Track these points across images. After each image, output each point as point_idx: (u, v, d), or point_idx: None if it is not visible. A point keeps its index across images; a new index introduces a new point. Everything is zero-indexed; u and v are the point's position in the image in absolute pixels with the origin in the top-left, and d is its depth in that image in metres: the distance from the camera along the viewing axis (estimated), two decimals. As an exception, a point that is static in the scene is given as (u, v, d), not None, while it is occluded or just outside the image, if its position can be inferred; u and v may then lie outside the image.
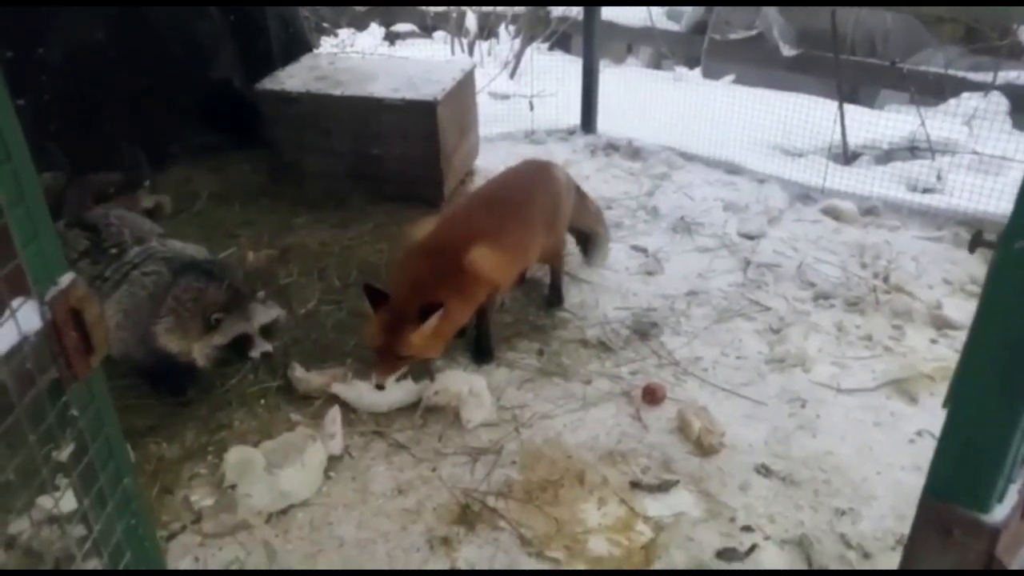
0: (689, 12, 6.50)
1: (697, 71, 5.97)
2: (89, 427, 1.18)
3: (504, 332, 3.09)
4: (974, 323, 1.11)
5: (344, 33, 6.74)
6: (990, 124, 4.74)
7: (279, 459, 2.37)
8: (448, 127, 4.01)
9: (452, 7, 6.36)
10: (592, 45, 4.84)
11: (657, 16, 6.38)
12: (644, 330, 3.11)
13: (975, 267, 3.48)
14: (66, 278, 1.08)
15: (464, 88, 4.25)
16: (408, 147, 3.96)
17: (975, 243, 2.00)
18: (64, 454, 1.14)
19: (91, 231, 2.70)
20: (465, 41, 6.31)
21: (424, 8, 6.87)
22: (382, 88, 4.00)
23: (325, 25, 6.67)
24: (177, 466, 2.47)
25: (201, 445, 2.55)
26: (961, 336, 3.07)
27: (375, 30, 6.96)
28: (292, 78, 4.17)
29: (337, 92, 3.98)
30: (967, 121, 4.69)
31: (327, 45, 6.09)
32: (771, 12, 5.89)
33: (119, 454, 1.27)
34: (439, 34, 6.73)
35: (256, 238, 3.74)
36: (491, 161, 4.63)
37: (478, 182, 4.41)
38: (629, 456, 2.49)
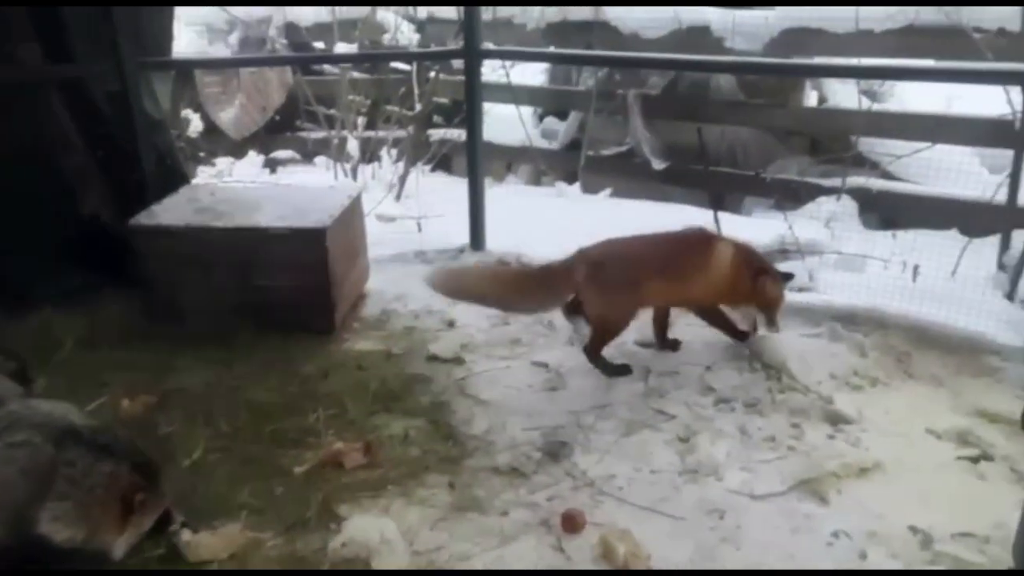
0: (563, 131, 6.83)
1: (576, 186, 6.22)
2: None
3: (412, 466, 2.94)
4: None
5: (222, 162, 6.63)
6: (845, 225, 5.15)
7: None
8: (338, 253, 3.92)
9: (333, 132, 6.41)
10: (476, 165, 4.96)
11: (534, 135, 6.65)
12: (555, 450, 3.04)
13: (855, 360, 3.66)
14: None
15: (352, 213, 4.21)
16: (297, 276, 3.84)
17: None
18: None
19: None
20: (348, 166, 6.33)
21: (303, 135, 6.88)
22: (267, 217, 3.90)
23: (201, 155, 6.54)
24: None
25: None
26: (854, 429, 3.18)
27: (254, 158, 6.89)
28: (168, 211, 4.00)
29: (219, 224, 3.84)
30: (826, 223, 5.06)
31: (205, 175, 5.95)
32: (639, 129, 6.26)
33: None
34: (320, 159, 6.73)
35: (130, 384, 3.44)
36: (382, 283, 4.57)
37: (370, 305, 4.32)
38: (555, 592, 2.36)
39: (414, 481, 2.86)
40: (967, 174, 4.65)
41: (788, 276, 3.73)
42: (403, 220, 5.36)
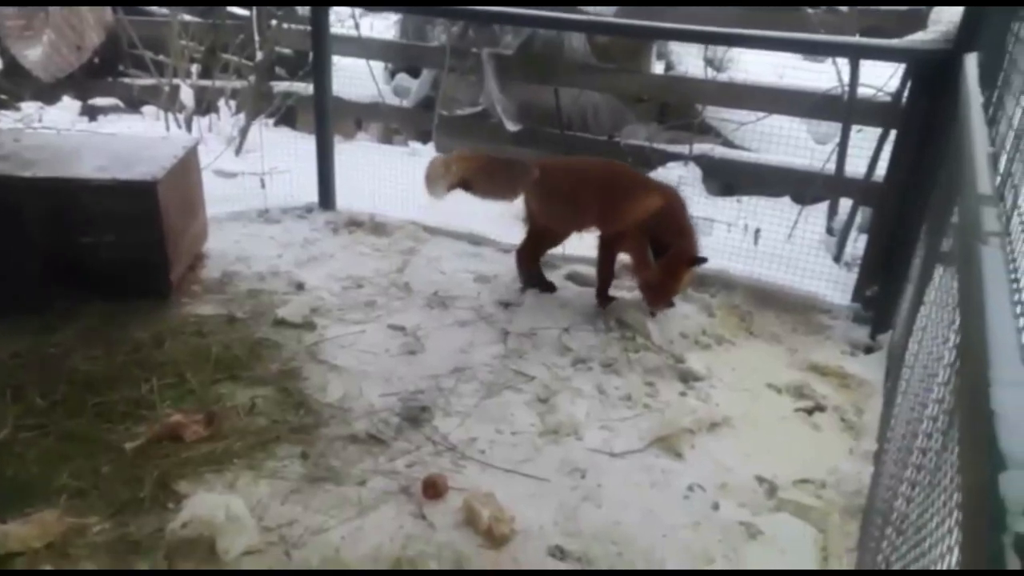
0: (415, 89, 6.61)
1: (430, 146, 6.05)
2: None
3: (260, 437, 2.73)
4: None
5: (29, 107, 5.88)
6: (692, 190, 5.34)
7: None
8: (172, 209, 3.57)
9: (163, 80, 5.84)
10: (325, 120, 4.68)
11: (385, 92, 6.39)
12: (415, 415, 2.93)
13: (704, 320, 3.80)
14: None
15: (187, 166, 3.84)
16: (126, 234, 3.45)
17: None
18: None
19: None
20: (181, 117, 5.80)
21: (128, 81, 6.23)
22: (87, 168, 3.47)
23: (2, 97, 5.76)
24: None
25: None
26: (704, 386, 3.30)
27: (69, 104, 6.16)
28: (-38, 158, 3.47)
29: (27, 173, 3.37)
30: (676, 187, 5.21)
31: (7, 120, 5.25)
32: (493, 91, 6.16)
33: None
34: (149, 109, 6.12)
35: (-80, 357, 2.99)
36: (223, 243, 4.23)
37: (210, 267, 3.99)
38: (418, 561, 2.27)
39: (263, 453, 2.67)
40: (797, 144, 4.94)
41: (700, 260, 3.58)
42: (245, 176, 4.99)
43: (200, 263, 4.01)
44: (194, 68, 5.96)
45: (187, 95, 5.80)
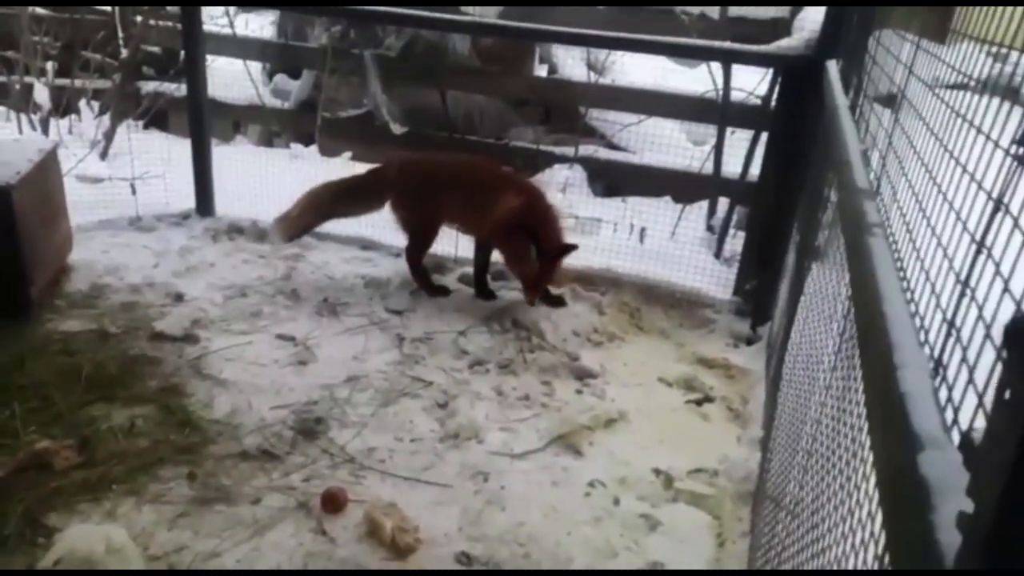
0: (296, 90, 6.40)
1: (313, 148, 5.87)
2: None
3: (141, 460, 2.56)
4: None
5: None
6: (578, 191, 5.44)
7: None
8: (29, 217, 3.30)
9: (14, 78, 5.38)
10: (201, 123, 4.46)
11: (264, 93, 6.16)
12: (309, 428, 2.83)
13: (595, 318, 3.87)
14: None
15: (46, 171, 3.55)
16: (-25, 246, 3.16)
17: None
18: None
19: None
20: (36, 118, 5.37)
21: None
22: (-73, 174, 3.15)
23: None
24: None
25: None
26: (598, 383, 3.36)
27: (-99, 103, 5.58)
28: None
29: None
30: (562, 189, 5.29)
31: None
32: (377, 93, 6.06)
33: None
34: (-3, 109, 5.63)
35: None
36: (90, 254, 3.95)
37: (76, 280, 3.71)
38: (320, 579, 2.19)
39: (145, 476, 2.50)
40: (675, 146, 5.13)
41: (571, 247, 3.66)
42: (113, 182, 4.67)
43: (65, 276, 3.72)
44: (50, 66, 5.53)
45: (42, 95, 5.37)
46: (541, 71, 6.43)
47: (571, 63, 6.12)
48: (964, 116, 1.02)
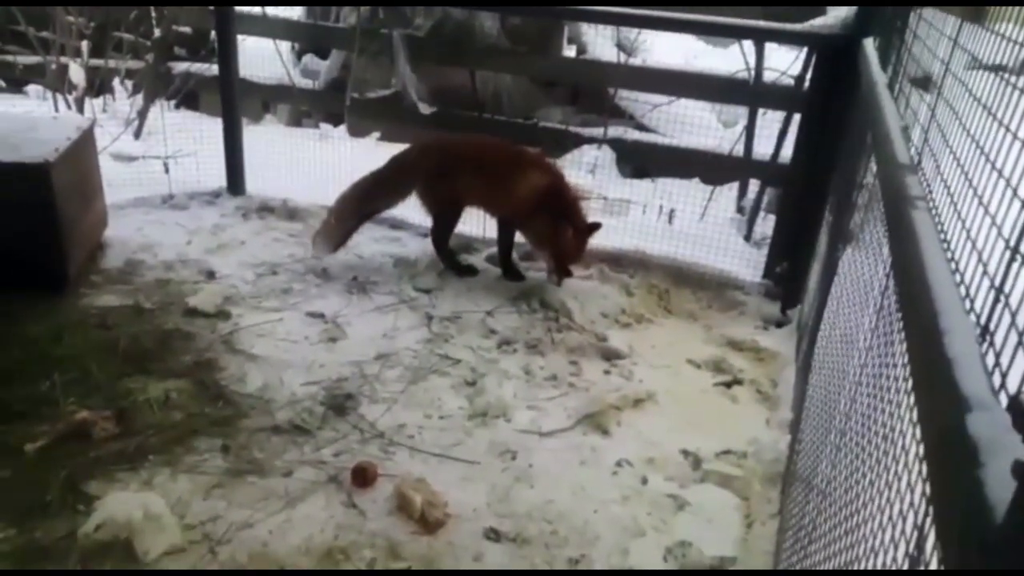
0: (325, 70, 6.43)
1: (342, 128, 5.90)
2: None
3: (176, 431, 2.61)
4: None
5: None
6: (606, 172, 5.41)
7: None
8: (66, 194, 3.35)
9: (49, 58, 5.46)
10: (232, 102, 4.50)
11: (294, 74, 6.19)
12: (339, 404, 2.86)
13: (623, 299, 3.85)
14: None
15: (82, 148, 3.61)
16: (15, 221, 3.22)
17: None
18: None
19: None
20: (71, 97, 5.44)
21: (10, 59, 5.79)
22: (-32, 150, 3.21)
23: None
24: None
25: None
26: (626, 364, 3.36)
27: (-59, 82, 5.69)
28: None
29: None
30: (591, 170, 5.27)
31: None
32: (406, 73, 6.06)
33: None
34: (33, 88, 5.72)
35: None
36: (125, 231, 4.01)
37: (111, 256, 3.77)
38: (351, 550, 2.21)
39: (180, 448, 2.55)
40: (705, 127, 5.07)
41: (596, 226, 3.76)
42: (146, 160, 4.73)
43: (100, 252, 3.79)
44: (84, 46, 5.60)
45: (77, 74, 5.44)
46: (570, 51, 6.39)
47: (601, 43, 6.07)
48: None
